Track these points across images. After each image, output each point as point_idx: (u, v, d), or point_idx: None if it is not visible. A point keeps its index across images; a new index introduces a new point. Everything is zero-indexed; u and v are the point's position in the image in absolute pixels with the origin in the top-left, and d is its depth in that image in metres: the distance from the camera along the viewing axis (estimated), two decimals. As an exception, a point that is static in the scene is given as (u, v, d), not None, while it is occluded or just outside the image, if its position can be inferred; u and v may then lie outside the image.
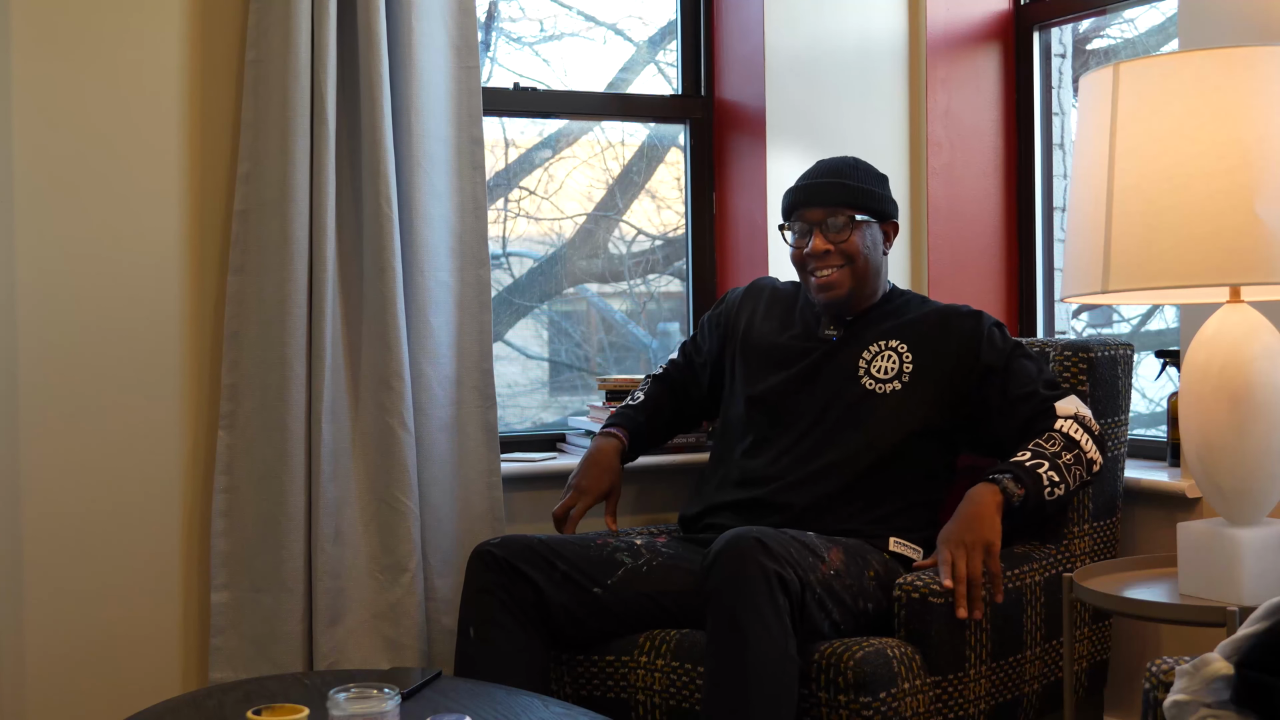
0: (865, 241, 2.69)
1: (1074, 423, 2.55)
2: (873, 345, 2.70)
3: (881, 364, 2.67)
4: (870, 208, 2.70)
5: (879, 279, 2.76)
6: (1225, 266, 2.14)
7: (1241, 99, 2.15)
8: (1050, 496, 2.48)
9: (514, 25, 3.54)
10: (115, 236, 2.84)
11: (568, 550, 2.58)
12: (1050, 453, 2.51)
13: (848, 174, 2.71)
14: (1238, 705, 1.54)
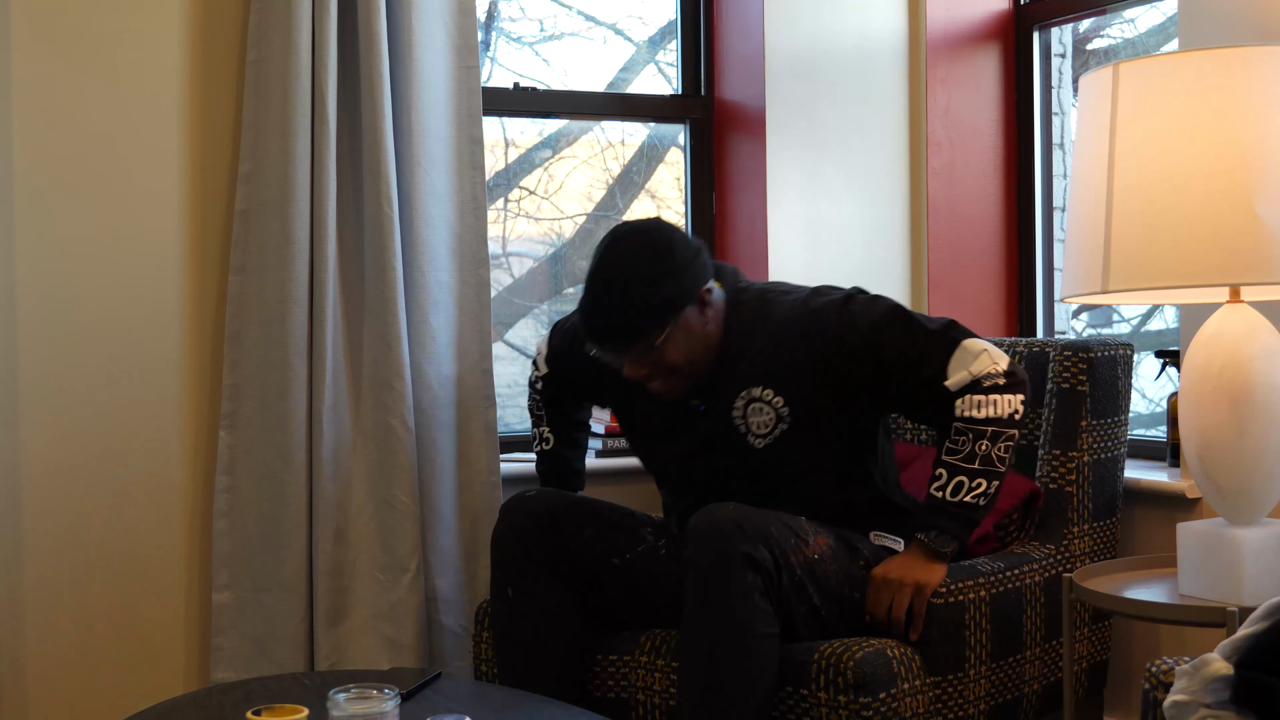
0: (680, 343, 2.42)
1: (971, 397, 2.39)
2: (738, 400, 2.48)
3: (757, 419, 2.47)
4: (664, 323, 2.39)
5: (713, 345, 2.49)
6: (1225, 266, 2.14)
7: (1241, 99, 2.15)
8: (985, 501, 2.41)
9: (514, 25, 3.54)
10: (116, 236, 2.84)
11: (605, 511, 2.58)
12: (963, 458, 2.39)
13: (620, 315, 2.38)
14: (1237, 705, 1.54)
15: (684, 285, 2.40)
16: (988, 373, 2.39)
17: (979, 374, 2.39)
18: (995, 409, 2.39)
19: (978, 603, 2.47)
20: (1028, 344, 2.88)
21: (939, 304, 3.49)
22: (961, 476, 2.39)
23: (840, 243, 3.47)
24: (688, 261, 2.41)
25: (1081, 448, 2.71)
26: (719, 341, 2.49)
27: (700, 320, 2.44)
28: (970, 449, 2.39)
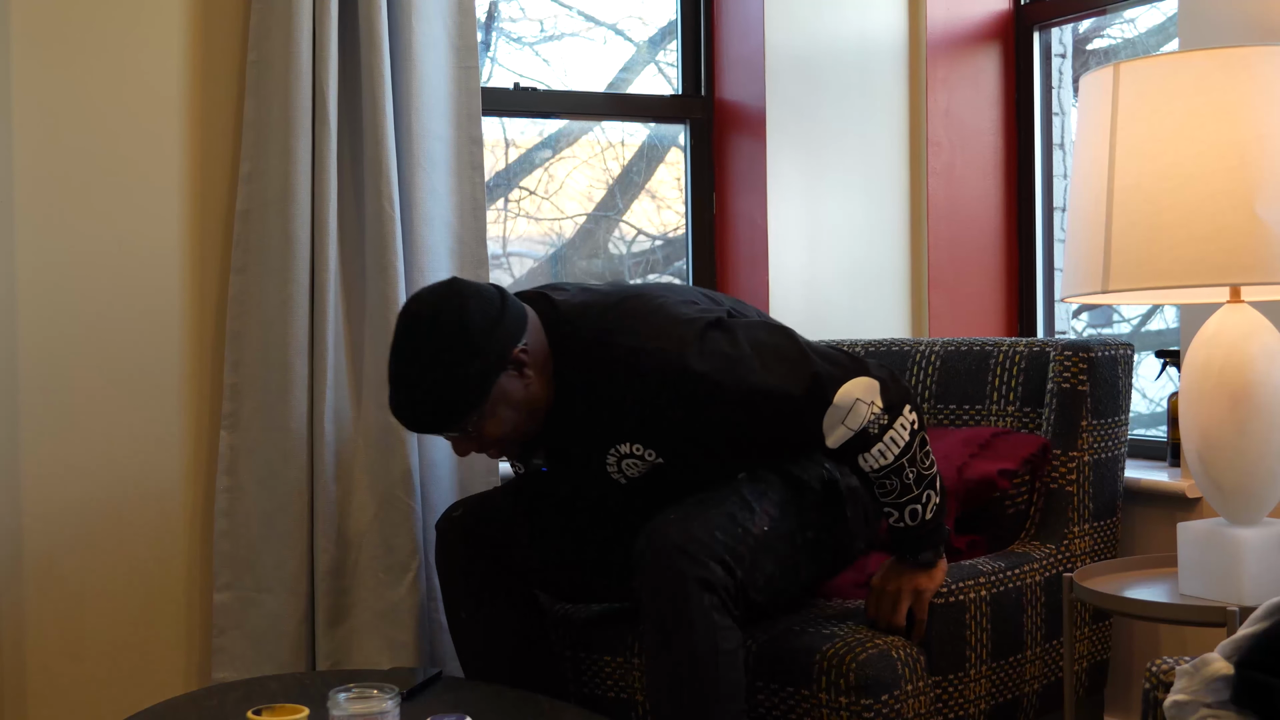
0: (502, 416, 2.25)
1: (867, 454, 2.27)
2: (609, 458, 2.35)
3: (633, 470, 2.38)
4: (476, 404, 2.21)
5: (540, 403, 2.30)
6: (1225, 266, 2.14)
7: (1241, 99, 2.15)
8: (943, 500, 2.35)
9: (514, 25, 3.54)
10: (117, 236, 2.84)
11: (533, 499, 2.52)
12: (899, 493, 2.31)
13: (426, 408, 2.22)
14: (1238, 705, 1.54)
15: (489, 359, 2.20)
16: (866, 422, 2.25)
17: (858, 428, 2.25)
18: (896, 445, 2.28)
19: (978, 602, 2.47)
20: (1028, 344, 2.88)
21: (939, 304, 3.49)
22: (912, 505, 2.32)
23: (840, 243, 3.47)
24: (488, 331, 2.20)
25: (1082, 447, 2.71)
26: (548, 396, 2.30)
27: (519, 385, 2.25)
28: (900, 484, 2.31)
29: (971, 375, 2.91)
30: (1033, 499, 2.73)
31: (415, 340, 2.20)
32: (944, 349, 2.98)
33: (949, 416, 2.93)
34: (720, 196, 3.57)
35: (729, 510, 2.28)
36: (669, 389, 2.22)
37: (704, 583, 2.18)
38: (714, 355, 2.23)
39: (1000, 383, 2.87)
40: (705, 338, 2.24)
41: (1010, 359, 2.87)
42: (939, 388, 2.95)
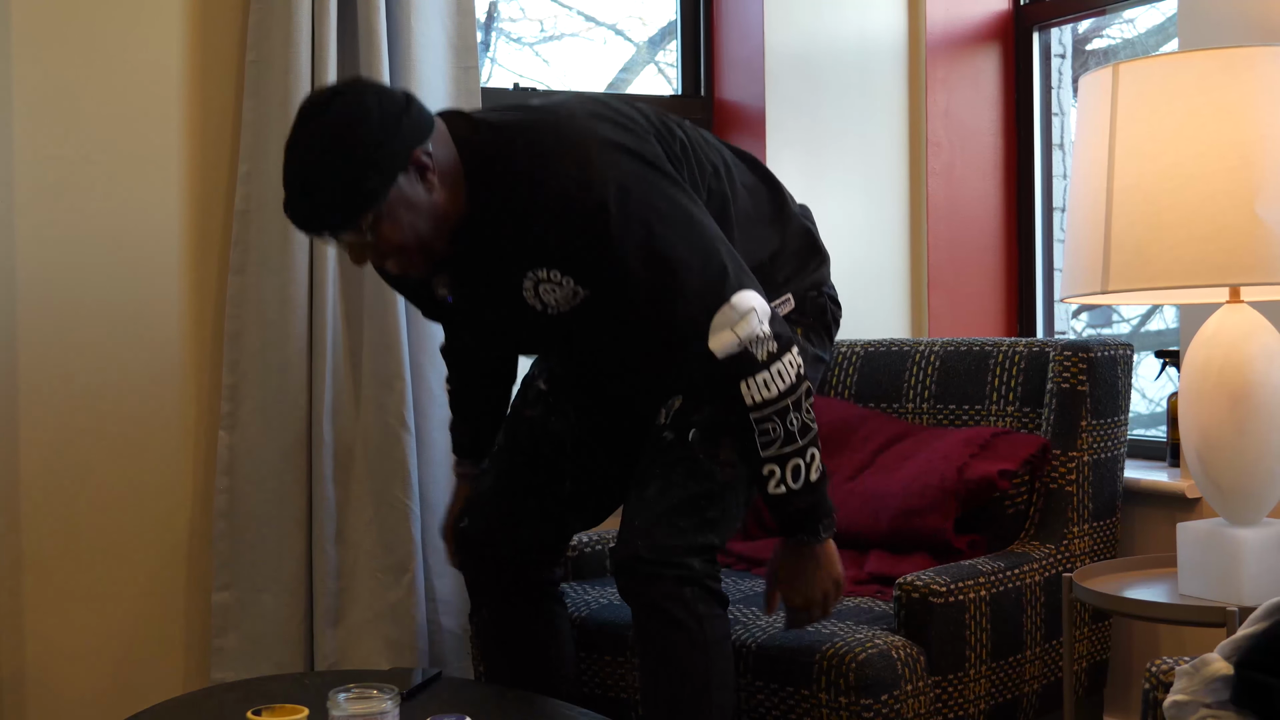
0: (400, 220, 2.07)
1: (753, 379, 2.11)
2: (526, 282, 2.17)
3: (552, 297, 2.18)
4: (369, 203, 2.03)
5: (446, 213, 2.12)
6: (1225, 266, 2.14)
7: (1241, 99, 2.15)
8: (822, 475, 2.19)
9: (514, 25, 3.54)
10: (116, 237, 2.84)
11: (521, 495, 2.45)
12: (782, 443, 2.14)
13: (318, 202, 2.04)
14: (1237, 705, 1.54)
15: (388, 155, 2.02)
16: (755, 338, 2.09)
17: (745, 339, 2.09)
18: (783, 379, 2.11)
19: (978, 602, 2.47)
20: (1027, 344, 2.88)
21: (939, 304, 3.49)
22: (795, 459, 2.14)
23: (840, 243, 3.46)
24: (388, 127, 2.03)
25: (1081, 447, 2.71)
26: (456, 212, 2.13)
27: (421, 190, 2.07)
28: (783, 431, 2.12)
29: (971, 375, 2.92)
30: (1032, 499, 2.73)
31: (310, 133, 2.03)
32: (944, 349, 2.98)
33: (949, 416, 2.93)
34: (720, 197, 3.57)
35: (690, 492, 2.21)
36: (572, 215, 2.07)
37: (683, 579, 2.17)
38: (624, 196, 2.07)
39: (1000, 383, 2.87)
40: (623, 175, 2.08)
41: (1010, 359, 2.88)
42: (939, 388, 2.95)
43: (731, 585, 2.72)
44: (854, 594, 2.64)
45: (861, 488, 2.80)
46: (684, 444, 2.23)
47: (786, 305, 2.36)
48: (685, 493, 2.21)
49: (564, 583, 2.66)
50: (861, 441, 2.91)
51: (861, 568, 2.73)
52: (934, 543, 2.67)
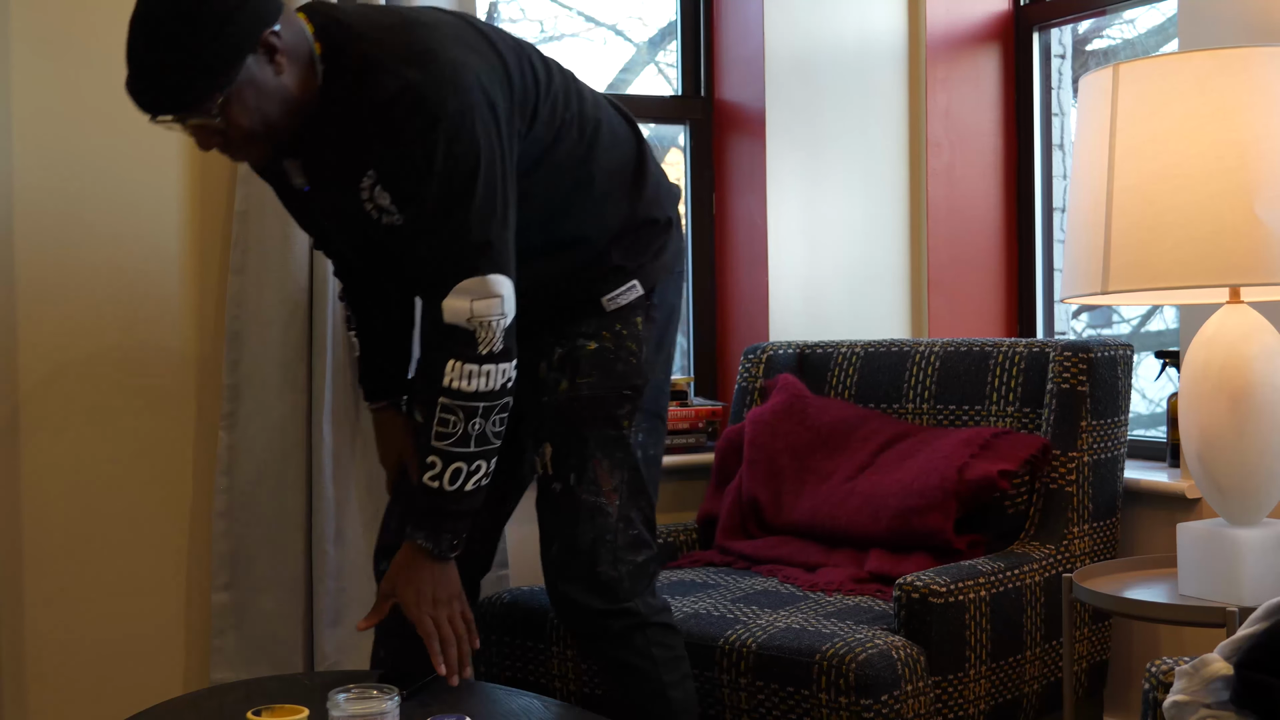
0: (247, 103, 2.01)
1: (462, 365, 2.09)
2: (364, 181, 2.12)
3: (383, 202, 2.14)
4: (216, 84, 1.97)
5: (295, 98, 2.07)
6: (1225, 267, 2.14)
7: (1241, 99, 2.15)
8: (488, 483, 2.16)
9: (514, 26, 3.54)
10: (116, 237, 2.84)
11: None
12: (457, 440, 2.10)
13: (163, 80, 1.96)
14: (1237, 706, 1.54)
15: (236, 34, 1.96)
16: (484, 326, 2.08)
17: (477, 319, 2.08)
18: (488, 381, 2.10)
19: (978, 603, 2.47)
20: (1027, 344, 2.88)
21: (938, 304, 3.49)
22: (459, 463, 2.10)
23: (840, 243, 3.47)
24: (237, 3, 1.96)
25: (1081, 448, 2.72)
26: (306, 98, 2.08)
27: (270, 72, 2.01)
28: (464, 429, 2.10)
29: (971, 376, 2.92)
30: (1032, 499, 2.73)
31: (157, 9, 1.95)
32: (944, 349, 2.98)
33: (949, 416, 2.93)
34: (720, 197, 3.57)
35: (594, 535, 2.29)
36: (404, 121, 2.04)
37: (631, 628, 2.29)
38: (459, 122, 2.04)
39: (1000, 383, 2.87)
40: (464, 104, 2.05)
41: (1010, 359, 2.88)
42: (939, 388, 2.95)
43: (731, 584, 2.72)
44: (854, 594, 2.65)
45: (861, 488, 2.81)
46: (570, 491, 2.30)
47: (633, 292, 2.35)
48: (588, 539, 2.28)
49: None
50: (861, 441, 2.91)
51: (861, 567, 2.73)
52: (934, 543, 2.67)
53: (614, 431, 2.32)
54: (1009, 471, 2.67)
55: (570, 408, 2.30)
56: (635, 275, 2.35)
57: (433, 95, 2.03)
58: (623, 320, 2.34)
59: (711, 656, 2.41)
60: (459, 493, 2.11)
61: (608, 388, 2.32)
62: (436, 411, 2.11)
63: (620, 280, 2.33)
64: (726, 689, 2.39)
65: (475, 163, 2.06)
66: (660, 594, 2.40)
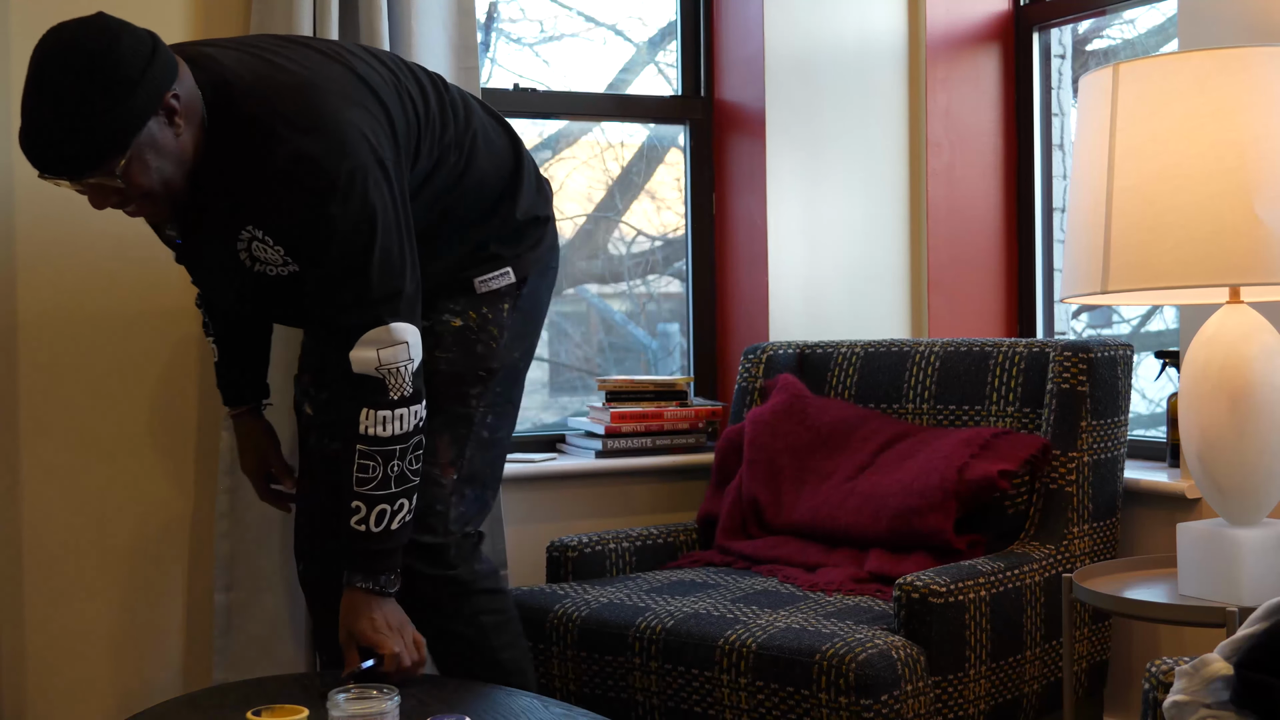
0: (148, 164, 2.02)
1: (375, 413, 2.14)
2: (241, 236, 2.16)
3: (263, 255, 2.17)
4: (122, 148, 1.97)
5: (189, 156, 2.08)
6: (1225, 267, 2.14)
7: (1241, 99, 2.15)
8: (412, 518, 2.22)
9: (514, 26, 3.54)
10: (116, 238, 2.84)
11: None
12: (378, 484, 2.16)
13: (68, 147, 1.96)
14: (1237, 706, 1.54)
15: (140, 99, 1.96)
16: (394, 374, 2.14)
17: (385, 368, 2.14)
18: (401, 424, 2.16)
19: (978, 603, 2.47)
20: (1027, 344, 2.88)
21: (939, 304, 3.49)
22: (382, 505, 2.17)
23: (840, 243, 3.47)
24: (141, 69, 1.96)
25: (1081, 448, 2.72)
26: (196, 150, 2.09)
27: (168, 133, 2.03)
28: (383, 472, 2.16)
29: (971, 376, 2.92)
30: (1032, 499, 2.73)
31: (59, 72, 1.93)
32: (944, 349, 2.98)
33: (949, 417, 2.93)
34: (720, 197, 3.57)
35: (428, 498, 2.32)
36: (300, 184, 2.08)
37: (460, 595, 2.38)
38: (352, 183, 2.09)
39: (1000, 383, 2.87)
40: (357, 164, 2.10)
41: (1010, 359, 2.88)
42: (939, 388, 2.95)
43: (731, 584, 2.72)
44: (854, 594, 2.65)
45: (861, 488, 2.81)
46: None
47: (505, 278, 2.43)
48: (421, 505, 2.28)
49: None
50: (861, 441, 2.91)
51: (861, 567, 2.74)
52: (934, 543, 2.67)
53: (461, 409, 2.38)
54: (1009, 471, 2.67)
55: (425, 379, 2.29)
56: (510, 263, 2.43)
57: (327, 163, 2.08)
58: (490, 304, 2.42)
59: (711, 656, 2.41)
60: (386, 532, 2.18)
61: (464, 365, 2.38)
62: (355, 459, 2.17)
63: (494, 266, 2.42)
64: (726, 689, 2.39)
65: (372, 223, 2.12)
66: (485, 559, 2.45)
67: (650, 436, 3.32)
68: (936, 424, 2.94)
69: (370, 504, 2.16)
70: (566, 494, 3.25)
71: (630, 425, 3.29)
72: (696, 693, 2.42)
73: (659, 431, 3.33)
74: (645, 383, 3.35)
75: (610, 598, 2.65)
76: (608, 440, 3.27)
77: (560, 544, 2.89)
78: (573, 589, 2.75)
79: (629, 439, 3.29)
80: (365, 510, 2.16)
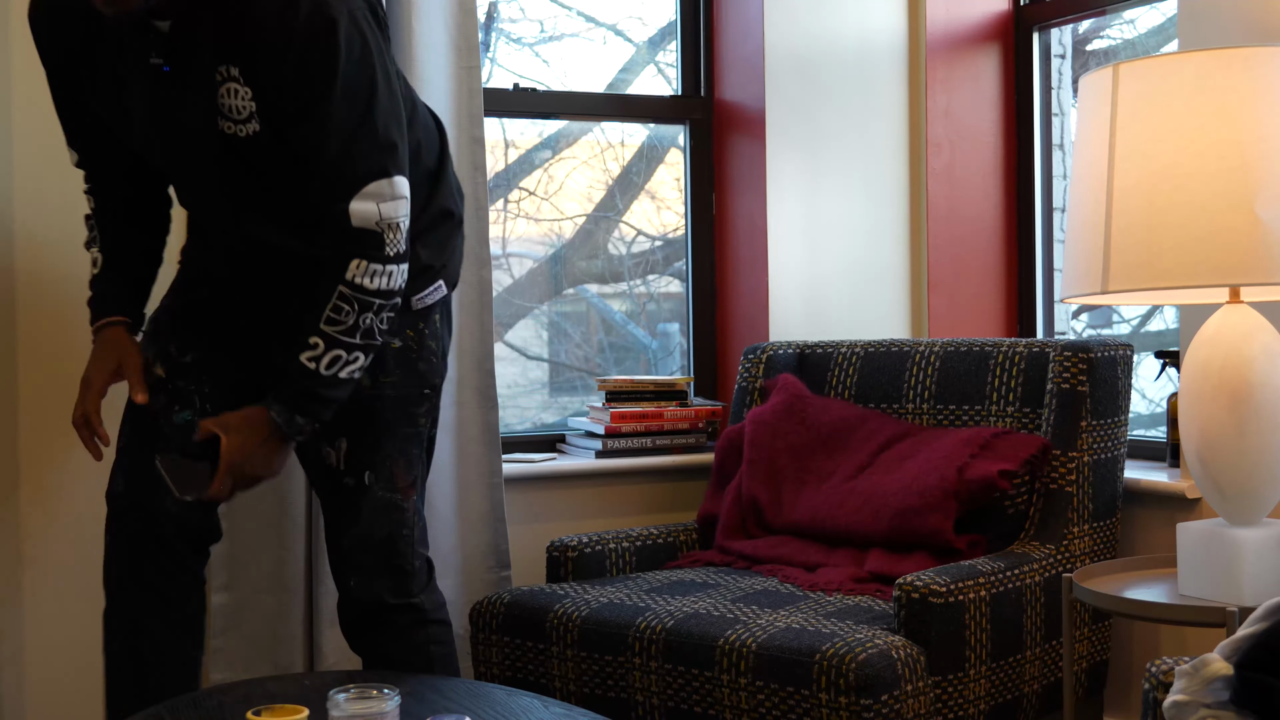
0: None
1: (368, 264, 2.12)
2: (217, 73, 2.08)
3: (231, 101, 2.09)
4: None
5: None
6: (1225, 266, 2.14)
7: (1241, 99, 2.15)
8: (359, 377, 2.19)
9: (514, 26, 3.54)
10: (115, 237, 2.84)
11: None
12: (345, 330, 2.14)
13: None
14: (1237, 706, 1.54)
15: None
16: (391, 229, 2.13)
17: (384, 221, 2.12)
18: (389, 281, 2.15)
19: (978, 603, 2.47)
20: (1027, 344, 2.88)
21: (939, 304, 3.49)
22: (340, 350, 2.15)
23: (840, 243, 3.47)
24: None
25: (1081, 448, 2.72)
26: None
27: None
28: (354, 321, 2.14)
29: (971, 376, 2.92)
30: (1032, 499, 2.73)
31: None
32: (944, 349, 2.98)
33: (949, 417, 2.93)
34: (720, 197, 3.57)
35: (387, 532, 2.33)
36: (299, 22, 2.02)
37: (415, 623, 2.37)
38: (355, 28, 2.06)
39: (1000, 383, 2.87)
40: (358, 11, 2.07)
41: (1010, 359, 2.88)
42: (939, 388, 2.95)
43: (731, 584, 2.72)
44: (854, 594, 2.65)
45: (861, 488, 2.81)
46: (364, 488, 2.32)
47: (438, 292, 2.39)
48: (384, 533, 2.32)
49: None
50: (861, 441, 2.91)
51: (862, 567, 2.74)
52: (934, 543, 2.67)
53: (411, 429, 2.36)
54: (1009, 471, 2.67)
55: (371, 406, 2.30)
56: (440, 275, 2.39)
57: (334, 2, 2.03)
58: (424, 319, 2.37)
59: (711, 656, 2.41)
60: (333, 379, 2.15)
61: (410, 386, 2.35)
62: (332, 298, 2.13)
63: (428, 281, 2.36)
64: (726, 689, 2.39)
65: (373, 62, 2.09)
66: (439, 590, 2.45)
67: (650, 436, 3.32)
68: (936, 424, 2.94)
69: (330, 345, 2.14)
70: (566, 494, 3.25)
71: (630, 425, 3.30)
72: (696, 693, 2.42)
73: (659, 431, 3.33)
74: (645, 383, 3.35)
75: (610, 598, 2.65)
76: (608, 440, 3.27)
77: (560, 544, 2.89)
78: (573, 589, 2.75)
79: (629, 439, 3.30)
80: (322, 349, 2.14)
